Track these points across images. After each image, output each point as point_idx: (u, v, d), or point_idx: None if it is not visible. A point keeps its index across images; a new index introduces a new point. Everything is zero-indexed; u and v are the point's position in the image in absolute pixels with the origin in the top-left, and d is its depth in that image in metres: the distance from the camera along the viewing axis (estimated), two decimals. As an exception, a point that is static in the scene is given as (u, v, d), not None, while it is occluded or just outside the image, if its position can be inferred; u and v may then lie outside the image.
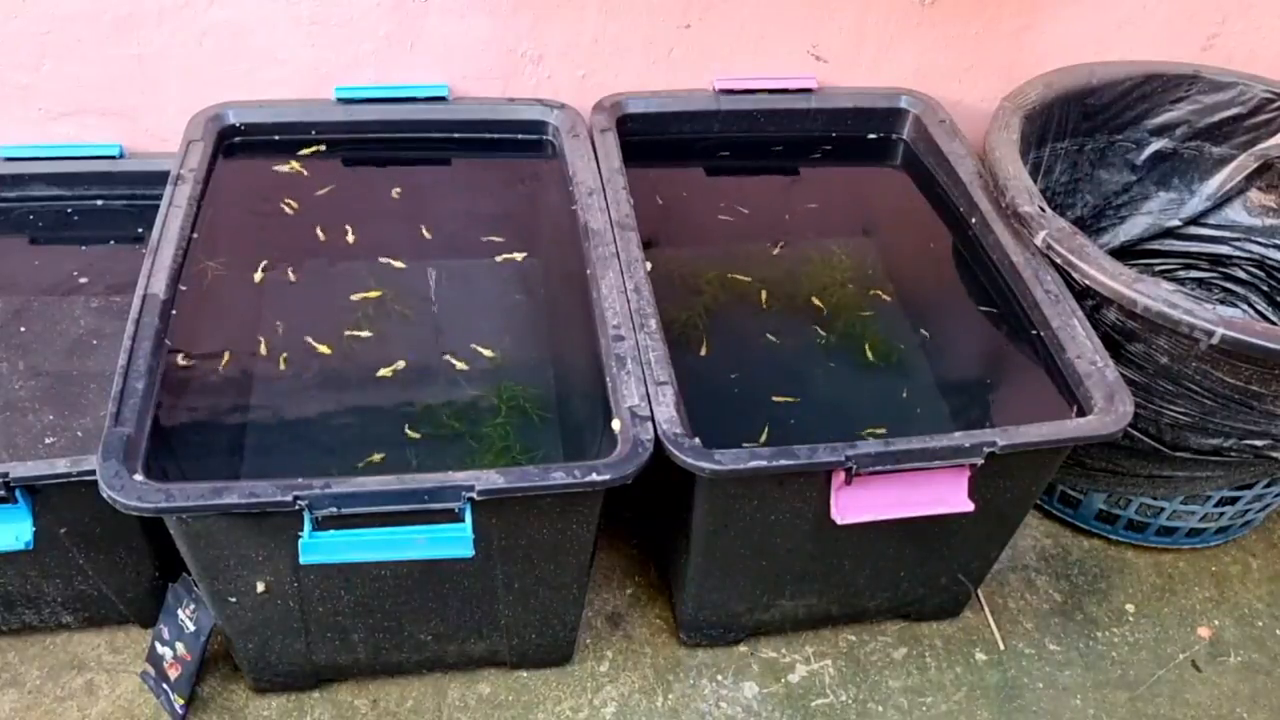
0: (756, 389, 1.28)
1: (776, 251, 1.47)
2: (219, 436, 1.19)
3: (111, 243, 1.50)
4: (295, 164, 1.49)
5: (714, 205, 1.54)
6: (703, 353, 1.31)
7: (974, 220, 1.42)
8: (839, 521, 1.10)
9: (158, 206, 1.30)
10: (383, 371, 1.26)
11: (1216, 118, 1.60)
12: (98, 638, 1.36)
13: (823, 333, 1.36)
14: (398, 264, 1.39)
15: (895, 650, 1.42)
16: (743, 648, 1.40)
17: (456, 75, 1.54)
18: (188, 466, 1.12)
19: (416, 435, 1.19)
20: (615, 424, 1.08)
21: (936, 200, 1.53)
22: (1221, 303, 1.75)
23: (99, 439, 1.02)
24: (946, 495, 1.11)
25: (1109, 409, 1.13)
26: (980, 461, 1.08)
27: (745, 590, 1.29)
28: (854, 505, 1.10)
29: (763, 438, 1.18)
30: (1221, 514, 1.48)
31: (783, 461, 1.05)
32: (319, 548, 1.01)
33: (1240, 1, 1.61)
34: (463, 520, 1.02)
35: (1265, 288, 1.71)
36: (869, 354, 1.34)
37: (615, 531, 1.51)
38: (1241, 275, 1.72)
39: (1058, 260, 1.27)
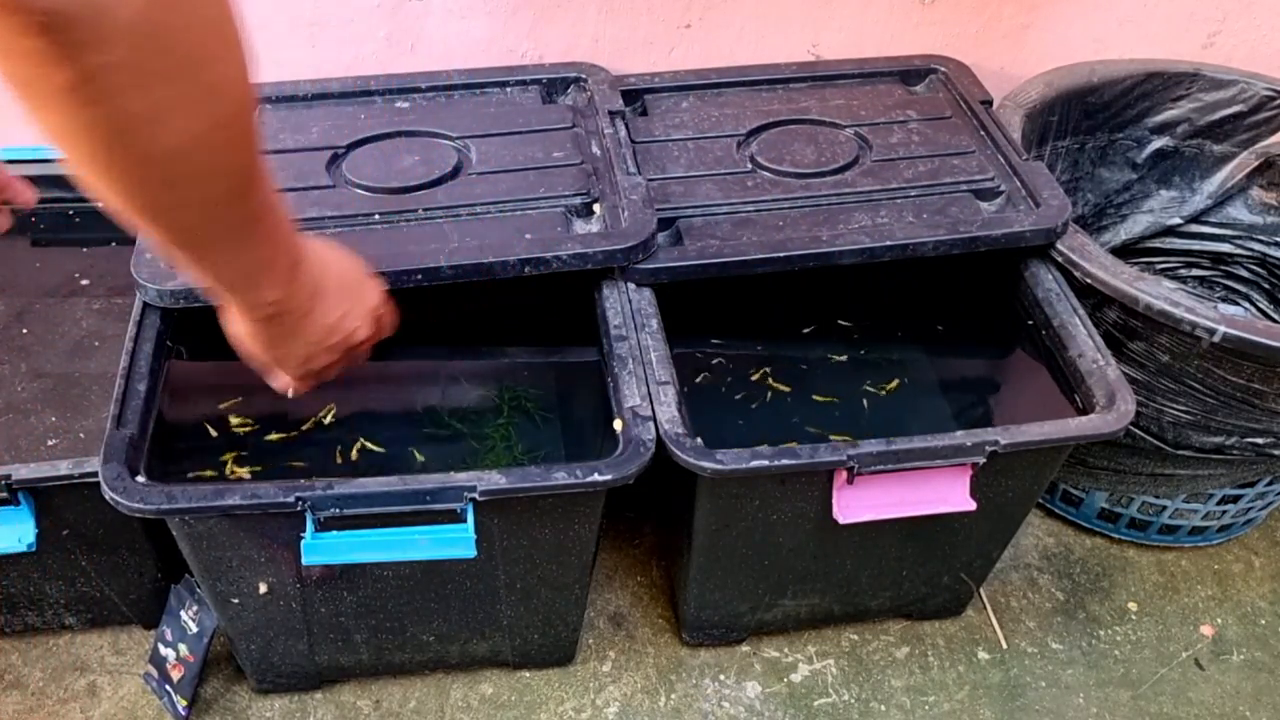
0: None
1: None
2: (220, 436, 1.19)
3: (113, 244, 1.49)
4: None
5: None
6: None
7: (975, 219, 1.42)
8: (841, 521, 1.10)
9: (159, 208, 1.30)
10: (385, 372, 1.26)
11: (1217, 115, 1.60)
12: (100, 639, 1.36)
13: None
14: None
15: (898, 649, 1.41)
16: (745, 647, 1.40)
17: (457, 76, 1.54)
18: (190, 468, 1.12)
19: (423, 432, 1.19)
20: (617, 424, 1.08)
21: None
22: (1223, 301, 1.75)
23: (101, 441, 1.02)
24: (948, 494, 1.11)
25: (1111, 407, 1.12)
26: (982, 460, 1.08)
27: (747, 590, 1.29)
28: (856, 505, 1.10)
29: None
30: (1224, 512, 1.48)
31: (784, 461, 1.05)
32: (322, 549, 1.01)
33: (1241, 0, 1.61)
34: (465, 521, 1.02)
35: (1267, 285, 1.70)
36: (874, 354, 1.35)
37: (617, 531, 1.51)
38: (1243, 273, 1.71)
39: (1059, 259, 1.27)
